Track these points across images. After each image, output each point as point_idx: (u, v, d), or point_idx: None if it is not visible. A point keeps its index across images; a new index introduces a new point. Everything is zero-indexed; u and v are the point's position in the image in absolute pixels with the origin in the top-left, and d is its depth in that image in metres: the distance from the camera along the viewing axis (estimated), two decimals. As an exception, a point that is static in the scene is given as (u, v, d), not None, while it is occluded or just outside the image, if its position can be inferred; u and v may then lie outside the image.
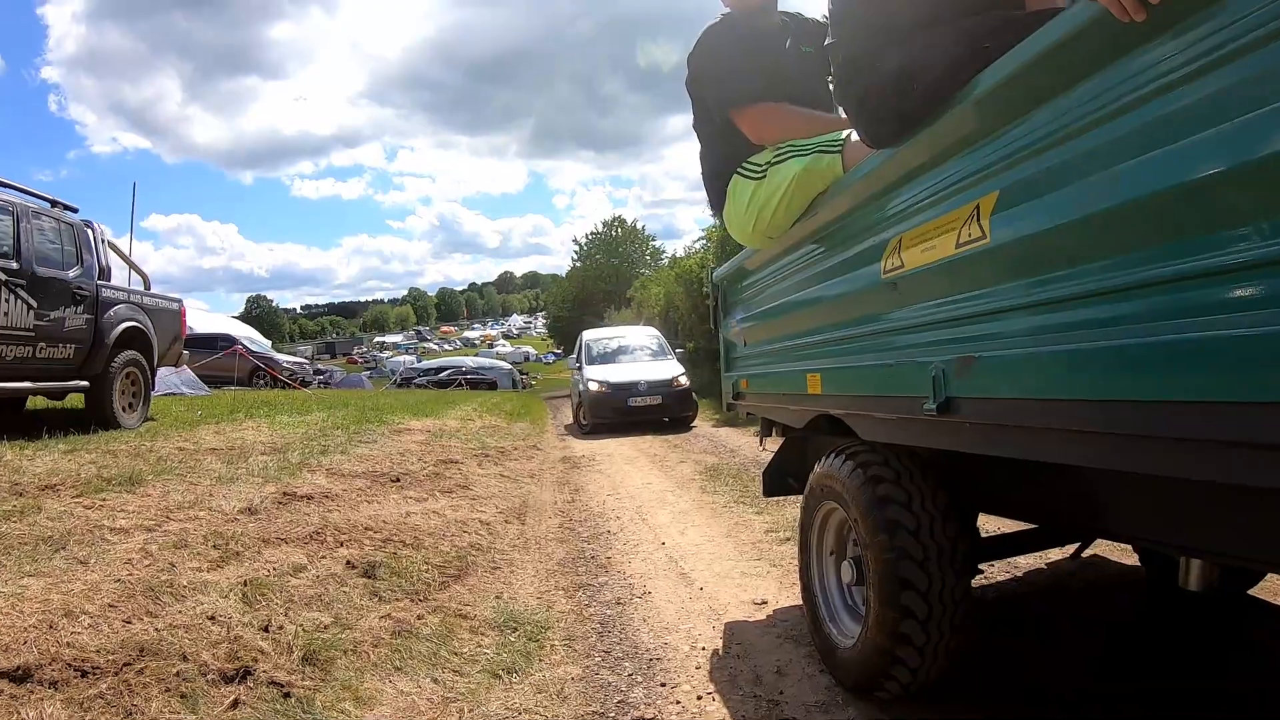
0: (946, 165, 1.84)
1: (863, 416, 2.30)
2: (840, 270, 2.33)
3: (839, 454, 2.47)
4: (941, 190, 1.87)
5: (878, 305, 2.13)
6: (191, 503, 4.01)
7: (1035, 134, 1.58)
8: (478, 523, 4.70)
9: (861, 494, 2.27)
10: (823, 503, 2.64)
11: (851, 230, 2.26)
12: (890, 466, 2.29)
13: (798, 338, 2.73)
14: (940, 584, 2.14)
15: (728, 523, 5.02)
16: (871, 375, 2.17)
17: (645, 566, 4.09)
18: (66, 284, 6.68)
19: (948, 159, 1.84)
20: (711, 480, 6.67)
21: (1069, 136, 1.50)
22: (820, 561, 2.79)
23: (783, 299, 2.85)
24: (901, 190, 2.01)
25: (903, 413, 2.01)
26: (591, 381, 11.90)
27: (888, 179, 2.05)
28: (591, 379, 11.97)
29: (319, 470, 5.37)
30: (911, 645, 2.16)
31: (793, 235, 2.57)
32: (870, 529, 2.21)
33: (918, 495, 2.22)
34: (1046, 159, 1.56)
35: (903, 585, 2.13)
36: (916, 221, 1.96)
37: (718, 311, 3.84)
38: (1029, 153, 1.60)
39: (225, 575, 3.03)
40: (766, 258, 3.02)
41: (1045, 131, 1.55)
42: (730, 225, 2.69)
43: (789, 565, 3.98)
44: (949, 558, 2.17)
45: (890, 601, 2.14)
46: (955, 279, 1.81)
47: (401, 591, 3.26)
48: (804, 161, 2.34)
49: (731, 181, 2.57)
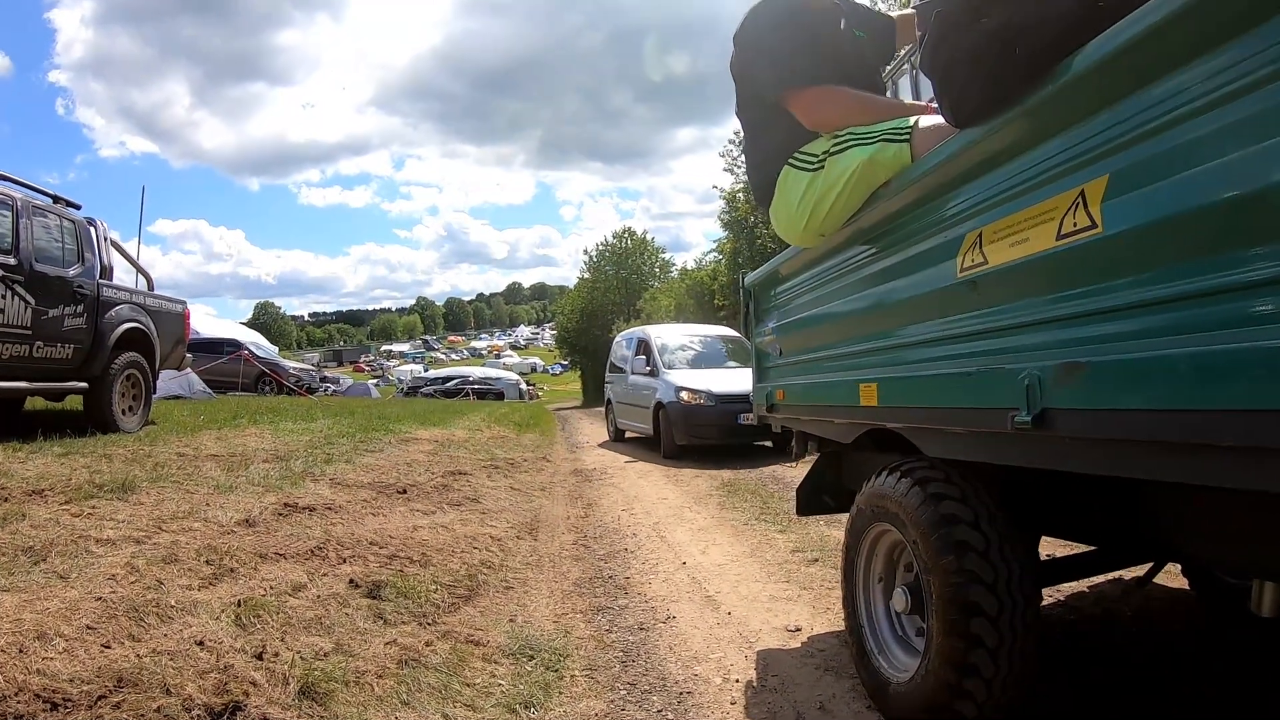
0: (1045, 147, 1.62)
1: (929, 430, 2.06)
2: (903, 270, 2.10)
3: (893, 471, 2.25)
4: (1037, 176, 1.64)
5: (951, 307, 1.90)
6: (186, 513, 3.77)
7: (1161, 107, 1.36)
8: (488, 538, 4.45)
9: (922, 513, 2.05)
10: (873, 525, 2.40)
11: (919, 226, 2.03)
12: (953, 483, 2.09)
13: (848, 345, 2.49)
14: (1011, 609, 1.94)
15: (750, 541, 4.76)
16: (942, 385, 1.93)
17: (667, 588, 3.83)
18: (66, 282, 6.49)
19: (1047, 139, 1.61)
20: (730, 496, 6.41)
21: (1202, 110, 1.28)
22: (867, 589, 2.55)
23: (829, 304, 2.61)
24: (985, 178, 1.78)
25: (983, 426, 1.77)
26: (681, 390, 9.45)
27: (968, 166, 1.82)
28: (682, 386, 9.51)
29: (322, 480, 5.14)
30: (979, 677, 1.94)
31: (847, 233, 2.34)
32: (934, 551, 2.00)
33: (984, 514, 2.02)
34: (1173, 136, 1.34)
35: (971, 611, 1.92)
36: (1002, 213, 1.73)
37: (749, 319, 3.60)
38: (1152, 130, 1.38)
39: (218, 594, 2.79)
40: (808, 260, 2.79)
41: (1173, 105, 1.33)
42: (777, 222, 2.45)
43: (820, 588, 3.73)
44: (1019, 580, 1.96)
45: (957, 630, 1.94)
46: (1056, 275, 1.58)
47: (408, 614, 3.01)
48: (868, 151, 2.10)
49: (781, 173, 2.34)
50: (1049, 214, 1.59)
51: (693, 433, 9.17)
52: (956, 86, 1.72)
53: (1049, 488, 2.17)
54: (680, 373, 10.04)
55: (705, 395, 9.18)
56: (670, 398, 9.50)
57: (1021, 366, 1.63)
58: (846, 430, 2.58)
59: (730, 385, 9.15)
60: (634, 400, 10.96)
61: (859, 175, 2.12)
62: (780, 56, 2.30)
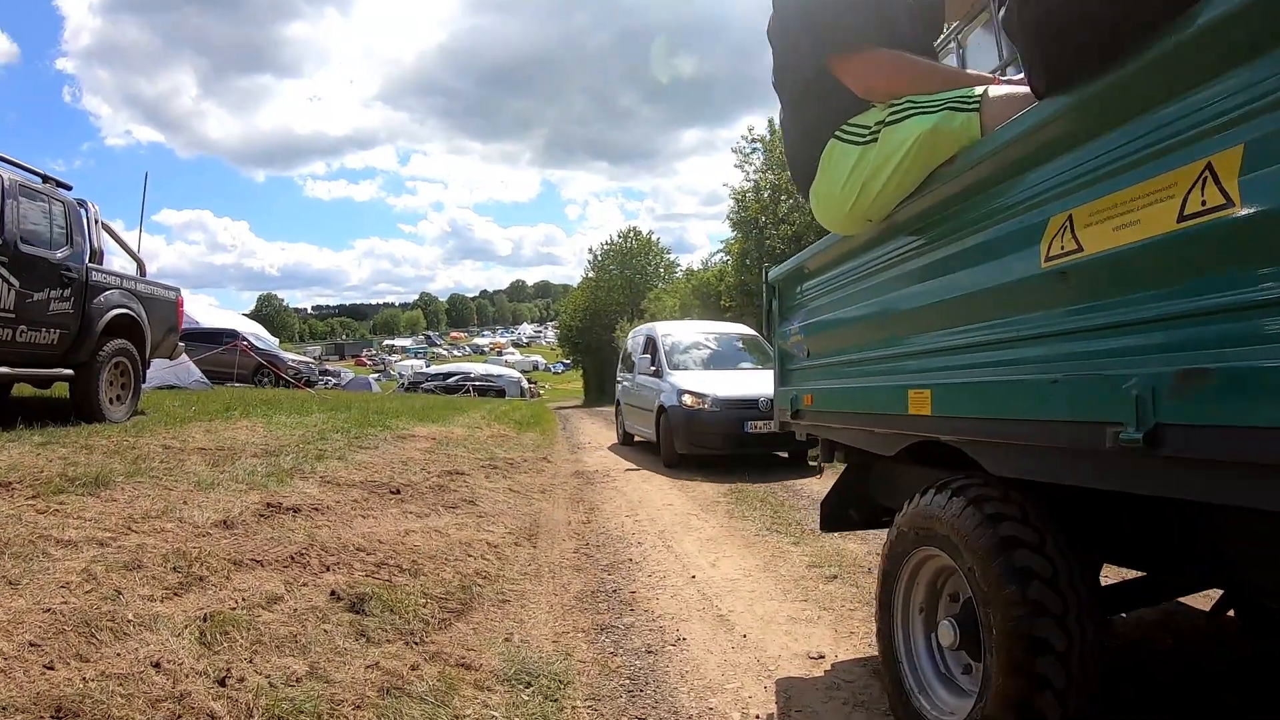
0: (1160, 113, 1.34)
1: (995, 446, 1.78)
2: (968, 260, 1.82)
3: (942, 489, 1.98)
4: (1147, 147, 1.36)
5: (1032, 302, 1.62)
6: (160, 511, 3.50)
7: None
8: (484, 545, 4.18)
9: (980, 537, 1.80)
10: (916, 549, 2.13)
11: (990, 209, 1.75)
12: (1012, 502, 1.83)
13: (894, 346, 2.21)
14: (1080, 646, 1.70)
15: (763, 554, 4.48)
16: (1016, 393, 1.65)
17: (676, 605, 3.55)
18: (53, 265, 6.23)
19: (1163, 104, 1.33)
20: (738, 504, 6.13)
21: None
22: (907, 620, 2.28)
23: (871, 300, 2.33)
24: (1079, 151, 1.50)
25: (1071, 442, 1.49)
26: (685, 394, 8.50)
27: (1058, 137, 1.55)
28: (685, 389, 8.57)
29: (312, 478, 4.87)
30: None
31: (898, 217, 2.06)
32: (994, 579, 1.75)
33: (1049, 537, 1.78)
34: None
35: (1038, 648, 1.68)
36: (1101, 191, 1.45)
37: (772, 317, 3.32)
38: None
39: (182, 607, 2.52)
40: (847, 250, 2.51)
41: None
42: (819, 204, 2.17)
43: (841, 608, 3.45)
44: (1088, 612, 1.73)
45: (1021, 669, 1.69)
46: (1177, 263, 1.31)
47: (394, 631, 2.73)
48: (931, 120, 1.83)
49: (827, 148, 2.06)
50: (1166, 191, 1.32)
51: (694, 440, 8.34)
52: (1052, 38, 1.45)
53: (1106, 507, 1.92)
54: (685, 374, 9.23)
55: (709, 400, 8.32)
56: (672, 401, 8.64)
57: (1128, 373, 1.35)
58: (888, 442, 2.30)
59: (738, 389, 8.40)
60: (639, 402, 10.18)
61: (919, 148, 1.84)
62: (827, 17, 2.03)
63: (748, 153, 19.67)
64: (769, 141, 18.74)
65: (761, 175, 18.82)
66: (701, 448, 8.33)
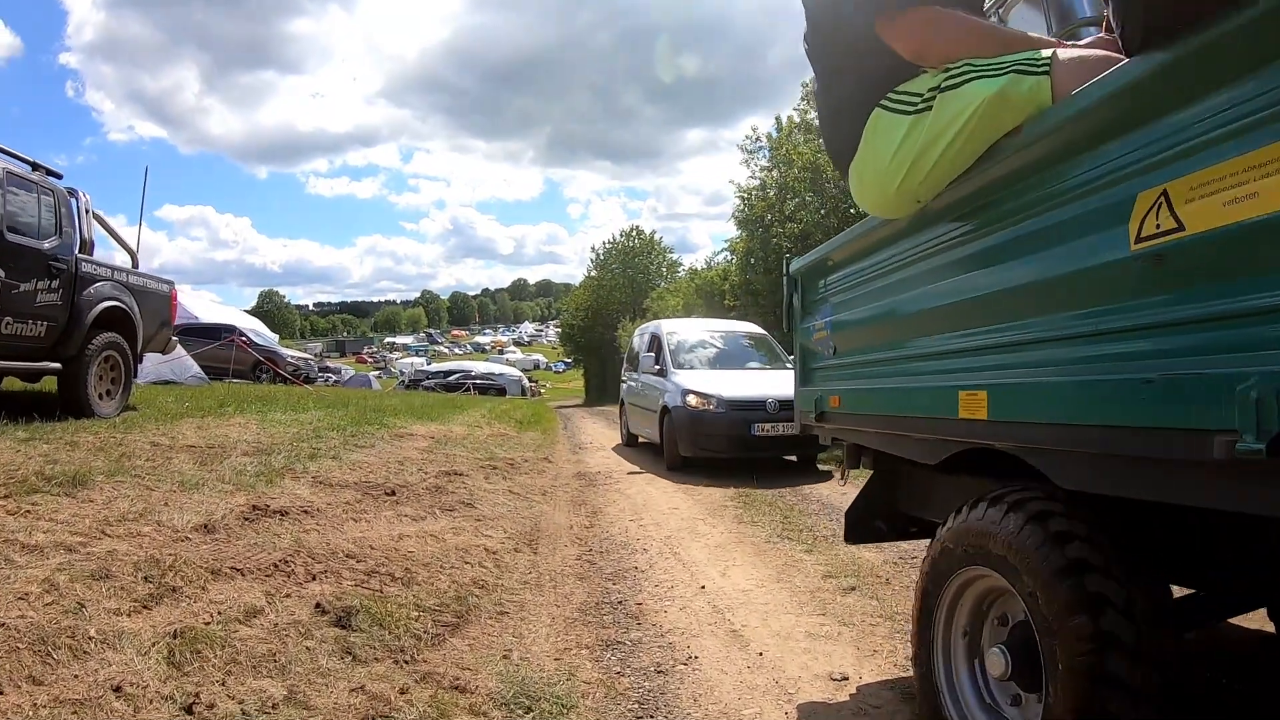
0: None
1: (1067, 455, 1.56)
2: (1036, 244, 1.60)
3: (996, 502, 1.77)
4: (1267, 107, 1.15)
5: (1119, 291, 1.40)
6: (138, 514, 3.29)
7: None
8: (482, 551, 3.97)
9: (1044, 558, 1.60)
10: (963, 568, 1.92)
11: (1064, 184, 1.53)
12: (1080, 519, 1.63)
13: (942, 342, 1.99)
14: (1158, 681, 1.51)
15: (775, 563, 4.26)
16: (1098, 395, 1.43)
17: (685, 618, 3.34)
18: (41, 255, 6.02)
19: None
20: (746, 508, 5.91)
21: None
22: (949, 645, 2.07)
23: (913, 291, 2.11)
24: (1179, 114, 1.29)
25: (1169, 452, 1.28)
26: (690, 394, 8.10)
27: (1153, 98, 1.33)
28: (690, 389, 8.17)
29: (303, 478, 4.65)
30: None
31: (950, 197, 1.84)
32: (1061, 606, 1.55)
33: (1121, 559, 1.58)
34: None
35: (1111, 685, 1.49)
36: (1205, 160, 1.24)
37: (793, 313, 3.10)
38: None
39: (151, 621, 2.31)
40: (885, 237, 2.29)
41: None
42: (861, 183, 1.94)
43: (862, 624, 3.24)
44: (1164, 643, 1.54)
45: (1093, 709, 1.50)
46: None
47: (383, 648, 2.52)
48: (996, 84, 1.61)
49: (871, 119, 1.84)
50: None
51: (698, 443, 7.92)
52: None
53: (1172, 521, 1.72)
54: (690, 373, 8.83)
55: (715, 400, 7.89)
56: (676, 401, 8.22)
57: (1244, 371, 1.14)
58: (932, 449, 2.07)
59: (745, 389, 8.03)
60: (643, 402, 9.81)
61: (981, 116, 1.62)
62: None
63: (753, 150, 19.45)
64: (775, 139, 18.51)
65: (767, 173, 18.60)
66: (706, 451, 7.94)
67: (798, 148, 16.61)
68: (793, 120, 18.26)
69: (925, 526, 2.73)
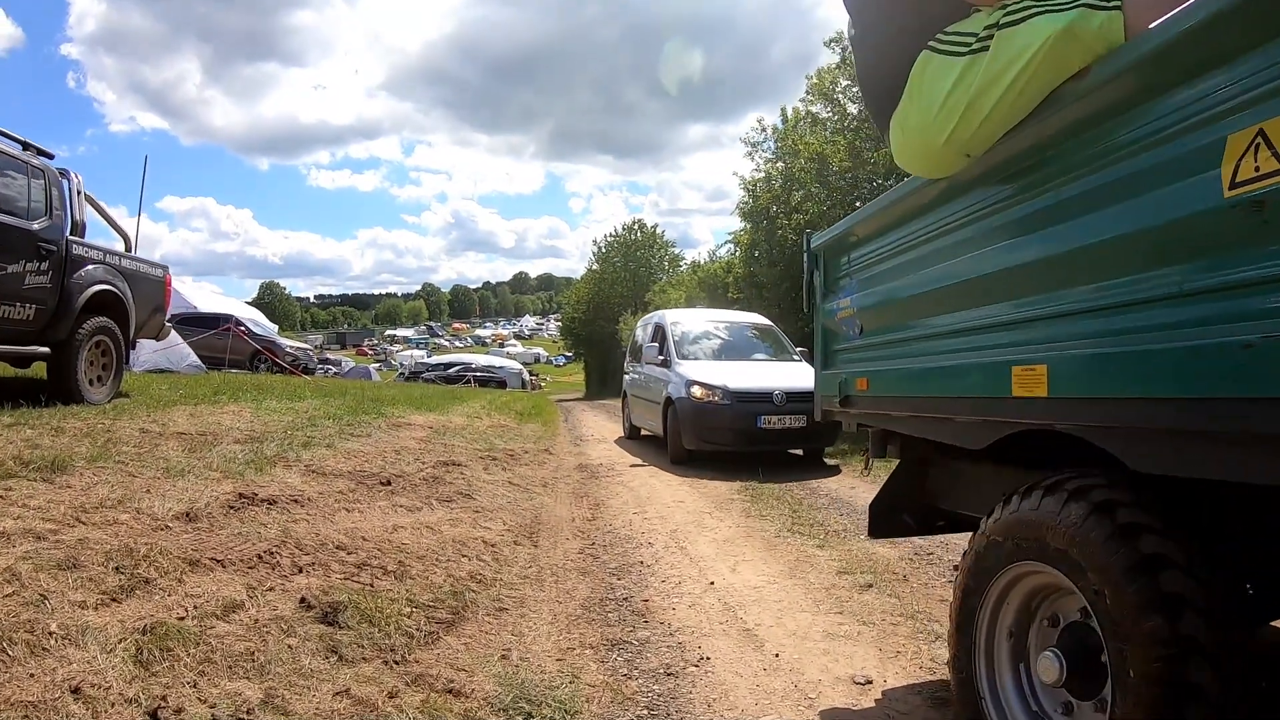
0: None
1: (1145, 434, 1.38)
2: (1107, 197, 1.41)
3: (1053, 490, 1.58)
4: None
5: (1210, 244, 1.22)
6: (117, 500, 3.12)
7: None
8: (480, 543, 3.79)
9: (1111, 553, 1.42)
10: (1012, 564, 1.74)
11: (1138, 130, 1.35)
12: (1151, 510, 1.45)
13: (991, 313, 1.79)
14: (1237, 692, 1.34)
15: (787, 558, 4.08)
16: (1184, 365, 1.25)
17: (695, 616, 3.16)
18: (30, 236, 5.83)
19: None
20: (754, 502, 5.73)
21: None
22: (992, 647, 1.89)
23: (955, 259, 1.92)
24: (1273, 45, 1.10)
25: (1271, 425, 1.10)
26: (694, 385, 7.84)
27: (1248, 28, 1.14)
28: (695, 380, 7.91)
29: (295, 466, 4.48)
30: None
31: (1001, 152, 1.65)
32: (1133, 607, 1.38)
33: (1198, 553, 1.41)
34: None
35: (1190, 697, 1.33)
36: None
37: (813, 293, 2.91)
38: None
39: (119, 616, 2.13)
40: (918, 204, 2.11)
41: None
42: (905, 135, 1.75)
43: (882, 623, 3.06)
44: (1243, 648, 1.38)
45: None
46: None
47: (372, 647, 2.34)
48: (1063, 20, 1.42)
49: (919, 63, 1.65)
50: None
51: (703, 436, 7.69)
52: None
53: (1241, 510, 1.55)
54: (695, 365, 8.51)
55: (720, 392, 7.64)
56: (680, 393, 7.95)
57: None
58: (979, 432, 1.89)
59: (751, 381, 7.80)
60: (646, 394, 9.54)
61: (1046, 55, 1.43)
62: None
63: (758, 142, 19.20)
64: (781, 130, 18.26)
65: (772, 164, 18.35)
66: (711, 444, 7.70)
67: (803, 138, 16.36)
68: (798, 112, 18.02)
69: (953, 520, 2.56)
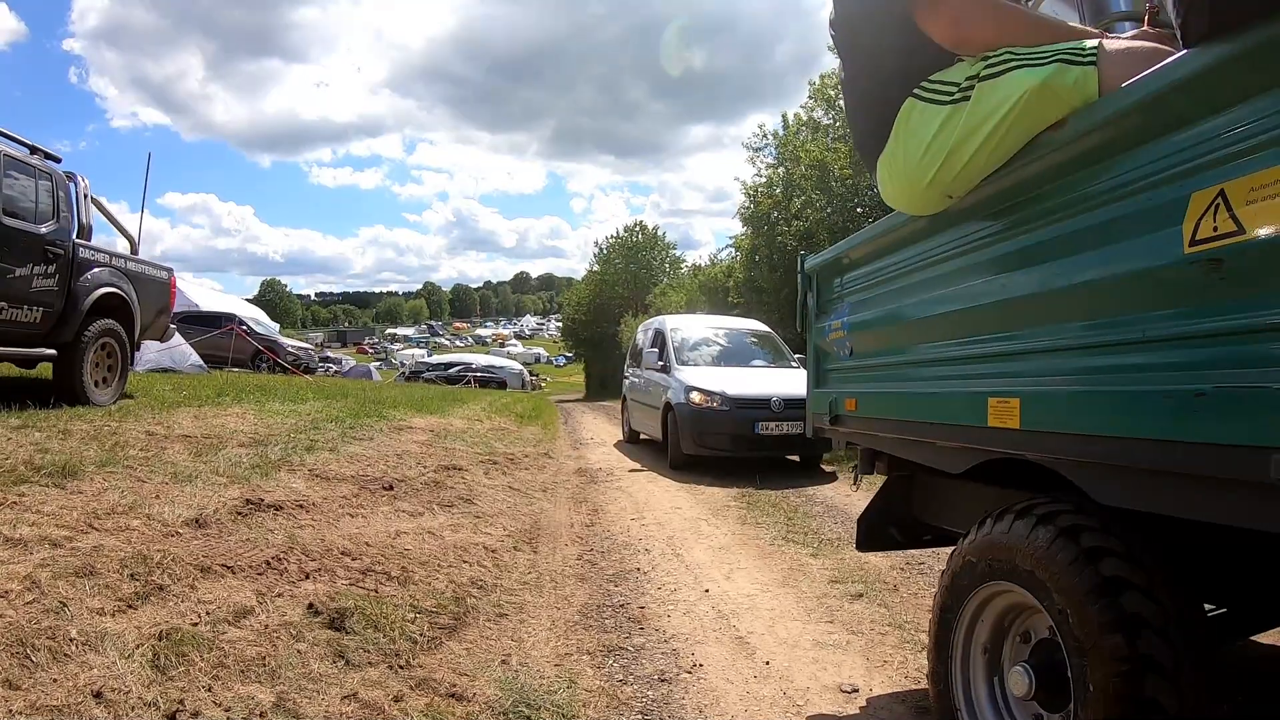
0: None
1: (1106, 469, 1.47)
2: (1078, 244, 1.50)
3: (1024, 514, 1.68)
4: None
5: (1170, 297, 1.31)
6: (128, 507, 3.21)
7: None
8: (481, 549, 3.88)
9: (1076, 575, 1.51)
10: (985, 583, 1.83)
11: (1109, 182, 1.44)
12: (1114, 535, 1.54)
13: (971, 345, 1.89)
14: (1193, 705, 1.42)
15: (780, 567, 4.18)
16: (1142, 407, 1.34)
17: (689, 624, 3.25)
18: (37, 239, 5.92)
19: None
20: (750, 509, 5.83)
21: None
22: (968, 662, 1.99)
23: (940, 291, 2.01)
24: (1240, 109, 1.19)
25: (1220, 470, 1.19)
26: (693, 391, 7.98)
27: (1213, 92, 1.23)
28: (694, 386, 8.05)
29: (299, 471, 4.57)
30: None
31: (982, 193, 1.75)
32: (1094, 626, 1.47)
33: (1158, 576, 1.50)
34: None
35: (1146, 711, 1.41)
36: (1267, 161, 1.15)
37: (807, 312, 3.00)
38: None
39: (137, 621, 2.22)
40: (904, 235, 2.20)
41: None
42: (891, 176, 1.85)
43: (871, 632, 3.16)
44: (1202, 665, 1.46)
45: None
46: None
47: (378, 652, 2.44)
48: (1039, 74, 1.51)
49: (904, 109, 1.74)
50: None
51: (701, 440, 7.81)
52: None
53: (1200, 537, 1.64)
54: (694, 370, 8.67)
55: (719, 398, 7.78)
56: (679, 399, 8.10)
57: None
58: (956, 457, 1.99)
59: (750, 387, 7.95)
60: (646, 399, 9.69)
61: (1023, 107, 1.53)
62: None
63: (759, 147, 19.31)
64: (782, 137, 18.38)
65: (773, 170, 18.47)
66: (709, 449, 7.82)
67: (805, 144, 16.48)
68: (799, 118, 18.14)
69: (940, 534, 2.65)
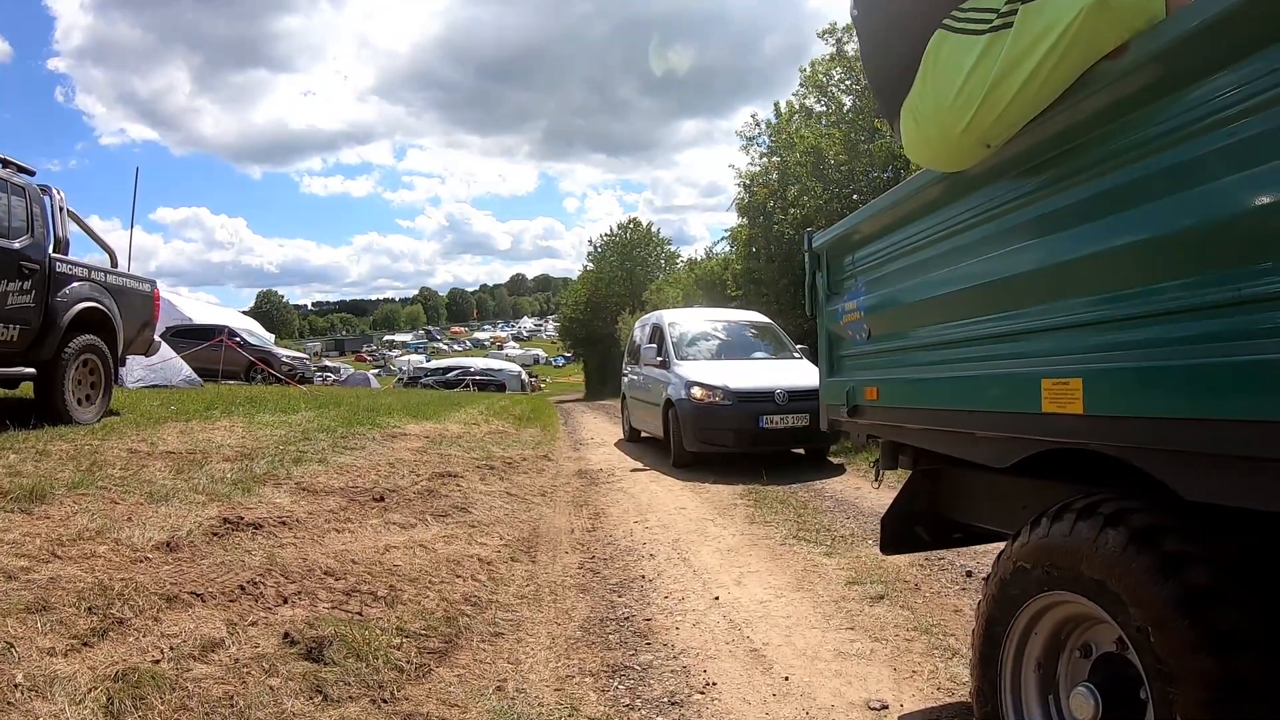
0: None
1: (1198, 458, 1.25)
2: (1150, 191, 1.28)
3: (1088, 514, 1.45)
4: None
5: (1273, 243, 1.09)
6: (96, 531, 2.99)
7: None
8: (475, 561, 3.67)
9: (1155, 585, 1.29)
10: (1041, 593, 1.61)
11: (1186, 115, 1.21)
12: (1201, 541, 1.32)
13: (1018, 319, 1.66)
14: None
15: (794, 569, 3.96)
16: (1244, 381, 1.12)
17: (699, 636, 3.03)
18: (11, 255, 5.70)
19: None
20: (757, 507, 5.61)
21: None
22: (1019, 679, 1.77)
23: (975, 258, 1.79)
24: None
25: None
26: (694, 386, 7.70)
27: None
28: (695, 381, 7.77)
29: (285, 484, 4.35)
30: None
31: (1025, 141, 1.52)
32: (1180, 646, 1.25)
33: (1250, 587, 1.28)
34: None
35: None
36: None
37: (816, 294, 2.78)
38: None
39: (90, 662, 2.00)
40: (925, 202, 1.98)
41: None
42: (919, 123, 1.61)
43: (896, 639, 2.94)
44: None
45: None
46: None
47: (359, 684, 2.22)
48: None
49: (933, 43, 1.51)
50: None
51: (704, 437, 7.56)
52: None
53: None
54: (694, 365, 8.37)
55: (721, 392, 7.50)
56: (680, 394, 7.80)
57: None
58: (1003, 450, 1.76)
59: (752, 380, 7.67)
60: (645, 396, 9.39)
61: (1078, 31, 1.30)
62: None
63: (752, 137, 19.07)
64: (776, 124, 18.14)
65: (768, 159, 18.22)
66: (712, 445, 7.56)
67: (798, 130, 16.24)
68: (792, 105, 17.90)
69: (972, 532, 2.43)
